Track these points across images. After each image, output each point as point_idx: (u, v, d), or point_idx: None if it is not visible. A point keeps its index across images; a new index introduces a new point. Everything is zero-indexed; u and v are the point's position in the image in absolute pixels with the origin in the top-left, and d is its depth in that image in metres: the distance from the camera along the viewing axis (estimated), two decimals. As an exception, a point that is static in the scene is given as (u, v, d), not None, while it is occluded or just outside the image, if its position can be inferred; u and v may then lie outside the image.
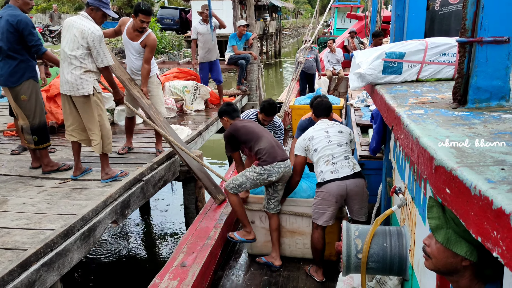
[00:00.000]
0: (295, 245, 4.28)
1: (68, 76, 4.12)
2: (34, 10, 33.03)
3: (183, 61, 11.10)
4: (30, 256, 2.93)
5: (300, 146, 3.96)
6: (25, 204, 3.93)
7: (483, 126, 1.38)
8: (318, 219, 3.80)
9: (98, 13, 4.23)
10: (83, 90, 4.12)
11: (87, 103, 4.19)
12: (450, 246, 1.25)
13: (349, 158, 3.78)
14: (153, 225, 6.93)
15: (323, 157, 3.77)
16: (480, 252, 1.21)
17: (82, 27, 4.07)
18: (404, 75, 2.64)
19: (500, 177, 0.91)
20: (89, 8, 4.21)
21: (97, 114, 4.26)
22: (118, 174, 4.51)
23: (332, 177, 3.68)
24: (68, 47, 4.10)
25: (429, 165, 1.17)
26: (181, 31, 25.90)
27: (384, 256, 2.77)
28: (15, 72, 4.29)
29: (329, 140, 3.83)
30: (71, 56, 4.09)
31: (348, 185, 3.66)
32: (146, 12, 4.97)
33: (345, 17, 21.47)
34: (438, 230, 1.29)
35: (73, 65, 4.10)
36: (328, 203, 3.72)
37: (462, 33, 1.70)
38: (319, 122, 4.10)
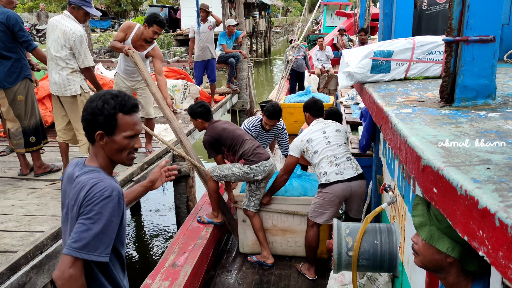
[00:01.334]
0: (287, 243, 4.30)
1: (56, 77, 4.09)
2: (21, 9, 32.67)
3: (173, 60, 11.06)
4: (19, 258, 2.90)
5: (296, 147, 3.95)
6: (14, 206, 3.89)
7: (470, 125, 1.39)
8: (317, 218, 3.80)
9: (80, 11, 4.16)
10: (71, 91, 4.10)
11: (74, 103, 4.17)
12: (433, 243, 1.27)
13: (352, 159, 3.80)
14: (144, 225, 6.90)
15: (325, 158, 3.76)
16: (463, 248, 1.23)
17: (64, 28, 4.04)
18: (393, 73, 2.66)
19: (486, 176, 0.92)
20: (71, 7, 4.15)
21: None
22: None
23: (337, 178, 3.68)
24: (53, 48, 4.07)
25: (416, 165, 1.19)
26: (170, 29, 25.78)
27: (374, 253, 2.79)
28: (12, 72, 4.24)
29: (328, 141, 3.82)
30: (56, 57, 4.06)
31: (352, 186, 3.68)
32: (161, 24, 4.82)
33: (334, 14, 21.53)
34: (421, 227, 1.32)
35: (59, 66, 4.08)
36: (331, 204, 3.72)
37: (449, 32, 1.71)
38: (315, 122, 4.07)
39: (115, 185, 1.66)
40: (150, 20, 4.78)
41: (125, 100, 1.69)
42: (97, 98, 1.69)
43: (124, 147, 1.71)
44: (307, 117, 4.22)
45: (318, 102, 4.23)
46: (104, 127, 1.67)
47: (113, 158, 1.74)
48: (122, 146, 1.70)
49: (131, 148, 1.72)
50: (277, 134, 4.99)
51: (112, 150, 1.71)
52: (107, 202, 1.60)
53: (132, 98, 1.73)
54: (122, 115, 1.68)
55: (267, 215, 4.23)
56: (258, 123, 4.82)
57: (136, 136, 1.73)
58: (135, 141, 1.73)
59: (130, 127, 1.70)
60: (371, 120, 4.18)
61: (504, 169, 0.96)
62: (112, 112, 1.66)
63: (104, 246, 1.60)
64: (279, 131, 4.98)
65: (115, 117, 1.67)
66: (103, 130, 1.67)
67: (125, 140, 1.70)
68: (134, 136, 1.72)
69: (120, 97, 1.69)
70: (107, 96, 1.69)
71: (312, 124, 4.09)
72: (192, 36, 7.98)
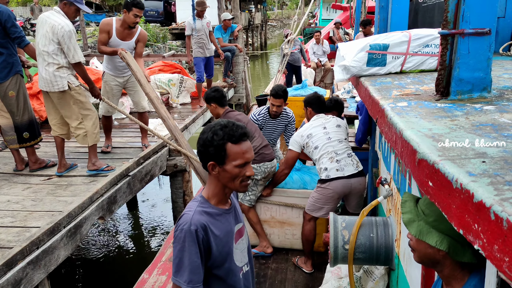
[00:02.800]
0: (284, 235, 4.31)
1: (43, 73, 4.08)
2: (14, 3, 32.39)
3: (168, 54, 11.00)
4: (15, 254, 2.90)
5: (296, 142, 3.95)
6: (9, 201, 3.88)
7: (465, 118, 1.39)
8: (314, 212, 3.80)
9: (71, 7, 4.15)
10: (58, 86, 4.09)
11: (62, 98, 4.16)
12: (422, 238, 1.29)
13: (352, 156, 3.79)
14: (141, 220, 6.90)
15: (325, 154, 3.76)
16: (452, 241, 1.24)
17: (53, 23, 4.02)
18: (388, 66, 2.65)
19: (481, 170, 0.92)
20: (62, 3, 4.13)
21: (78, 108, 4.22)
22: (104, 168, 4.49)
23: (337, 175, 3.68)
24: (41, 43, 4.05)
25: (412, 158, 1.18)
26: (165, 23, 25.64)
27: (370, 246, 2.80)
28: (3, 67, 4.20)
29: (328, 136, 3.81)
30: (44, 52, 4.05)
31: (353, 183, 3.69)
32: (139, 6, 4.74)
33: (330, 7, 21.46)
34: (411, 224, 1.33)
35: (46, 62, 4.06)
36: (330, 199, 3.72)
37: (444, 25, 1.71)
38: (315, 117, 4.05)
39: (197, 219, 1.74)
40: (128, 4, 4.72)
41: (233, 130, 1.74)
42: (208, 130, 1.77)
43: (235, 176, 1.76)
44: (308, 112, 4.18)
45: (321, 97, 4.20)
46: (215, 158, 1.74)
47: (228, 186, 1.81)
48: (233, 175, 1.76)
49: (242, 176, 1.77)
50: (287, 123, 4.79)
51: (226, 179, 1.78)
52: (183, 234, 1.72)
53: (241, 127, 1.77)
54: (231, 145, 1.73)
55: (265, 207, 4.24)
56: (265, 110, 4.71)
57: (247, 164, 1.77)
58: (246, 169, 1.77)
59: (240, 156, 1.74)
60: (367, 113, 4.18)
61: (499, 163, 0.96)
62: (221, 142, 1.72)
63: (185, 274, 1.72)
64: (289, 119, 4.78)
65: (224, 147, 1.72)
66: (214, 161, 1.75)
67: (236, 169, 1.75)
68: (245, 164, 1.76)
69: (228, 127, 1.74)
70: (216, 127, 1.76)
71: (312, 119, 4.07)
72: (189, 33, 7.74)
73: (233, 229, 1.89)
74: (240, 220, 1.97)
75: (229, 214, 1.88)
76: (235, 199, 2.03)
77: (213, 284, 1.84)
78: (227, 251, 1.83)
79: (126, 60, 4.67)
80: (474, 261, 1.23)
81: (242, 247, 1.95)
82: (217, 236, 1.79)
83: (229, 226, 1.86)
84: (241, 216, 2.00)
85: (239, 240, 1.93)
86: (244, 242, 1.97)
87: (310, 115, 4.15)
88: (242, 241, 1.95)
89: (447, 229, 1.24)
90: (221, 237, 1.80)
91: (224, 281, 1.85)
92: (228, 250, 1.84)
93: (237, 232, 1.92)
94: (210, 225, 1.77)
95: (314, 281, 3.84)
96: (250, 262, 2.04)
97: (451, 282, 1.31)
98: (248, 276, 1.99)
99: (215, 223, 1.79)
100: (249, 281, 2.00)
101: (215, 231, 1.78)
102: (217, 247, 1.79)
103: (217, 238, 1.78)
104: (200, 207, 1.80)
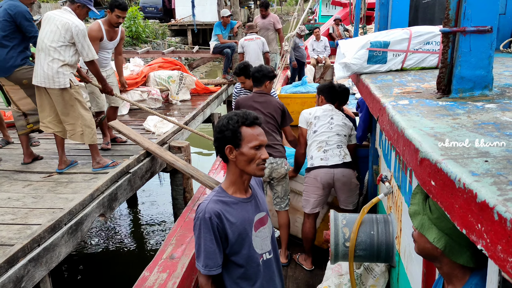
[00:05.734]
0: (294, 222, 4.33)
1: (45, 68, 4.07)
2: None
3: (168, 50, 10.96)
4: (17, 251, 2.90)
5: (304, 118, 4.01)
6: (10, 199, 3.89)
7: (467, 117, 1.39)
8: (305, 207, 3.83)
9: (83, 9, 4.29)
10: (59, 83, 4.09)
11: (61, 95, 4.16)
12: (423, 231, 1.31)
13: (342, 148, 3.80)
14: (141, 217, 6.91)
15: (317, 142, 3.81)
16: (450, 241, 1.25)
17: (66, 20, 4.06)
18: (389, 64, 2.65)
19: (484, 169, 0.92)
20: (75, 5, 4.23)
21: (76, 106, 4.24)
22: (109, 164, 4.52)
23: (321, 163, 3.72)
24: (48, 38, 4.06)
25: (414, 157, 1.18)
26: (164, 19, 25.54)
27: (371, 243, 2.81)
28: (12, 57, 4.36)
29: (331, 127, 3.85)
30: (50, 47, 4.05)
31: (335, 173, 3.69)
32: (122, 7, 4.84)
33: (330, 4, 21.41)
34: (415, 216, 1.35)
35: (50, 57, 4.06)
36: (315, 190, 3.74)
37: (446, 23, 1.70)
38: (327, 105, 4.07)
39: (211, 207, 1.87)
40: (112, 5, 4.85)
41: (246, 114, 1.88)
42: (223, 117, 1.91)
43: (252, 158, 1.86)
44: (320, 99, 4.20)
45: (335, 87, 4.22)
46: (231, 141, 1.86)
47: (245, 170, 1.90)
48: (250, 157, 1.86)
49: (259, 158, 1.87)
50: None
51: (243, 162, 1.88)
52: (199, 222, 1.87)
53: (252, 112, 1.91)
54: (245, 128, 1.86)
55: None
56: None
57: (261, 147, 1.88)
58: (261, 152, 1.88)
59: (254, 138, 1.86)
60: (367, 111, 4.18)
61: (502, 162, 0.96)
62: (236, 125, 1.85)
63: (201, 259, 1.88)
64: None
65: (239, 129, 1.85)
66: (231, 144, 1.86)
67: (252, 151, 1.86)
68: (259, 147, 1.87)
69: (241, 112, 1.89)
70: (230, 114, 1.91)
71: (324, 105, 4.09)
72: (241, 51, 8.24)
73: (251, 217, 1.98)
74: (263, 210, 2.05)
75: (247, 203, 1.98)
76: (258, 190, 2.12)
77: (233, 271, 1.96)
78: (244, 237, 1.94)
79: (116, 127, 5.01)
80: (471, 265, 1.24)
81: (264, 235, 2.03)
82: (233, 223, 1.90)
83: (246, 214, 1.96)
84: (264, 205, 2.09)
85: (260, 229, 2.01)
86: (266, 231, 2.05)
87: (322, 103, 4.18)
88: (264, 230, 2.03)
89: (447, 228, 1.25)
90: (237, 224, 1.91)
91: (244, 267, 1.96)
92: (245, 237, 1.94)
93: (258, 221, 2.01)
94: (224, 212, 1.88)
95: (314, 278, 3.85)
96: (274, 251, 2.12)
97: (452, 280, 1.32)
98: (270, 264, 2.06)
99: (230, 211, 1.91)
100: (271, 269, 2.07)
101: (230, 219, 1.89)
102: (233, 234, 1.90)
103: (232, 225, 1.89)
104: (216, 197, 1.93)
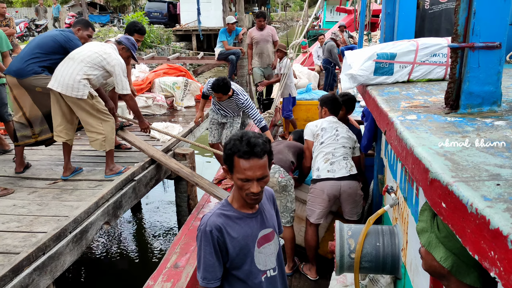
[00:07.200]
0: (299, 232, 4.31)
1: (67, 76, 4.08)
2: (19, 4, 32.54)
3: (173, 56, 10.99)
4: (22, 260, 2.91)
5: (310, 130, 3.99)
6: (15, 206, 3.89)
7: (476, 135, 1.39)
8: (310, 216, 3.82)
9: (127, 53, 4.52)
10: (77, 94, 4.10)
11: (78, 103, 4.16)
12: (430, 250, 1.29)
13: (348, 159, 3.80)
14: (145, 224, 6.90)
15: (323, 153, 3.80)
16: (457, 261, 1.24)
17: (110, 51, 4.25)
18: (396, 75, 2.65)
19: (496, 194, 0.92)
20: (120, 46, 4.47)
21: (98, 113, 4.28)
22: (122, 170, 4.54)
23: (327, 175, 3.70)
24: (85, 54, 4.17)
25: (424, 177, 1.18)
26: (169, 24, 25.68)
27: (377, 255, 2.79)
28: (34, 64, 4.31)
29: (337, 139, 3.86)
30: (82, 62, 4.13)
31: (342, 185, 3.68)
32: (141, 31, 5.06)
33: (334, 10, 21.47)
34: (422, 233, 1.33)
35: (77, 69, 4.10)
36: (320, 201, 3.74)
37: (454, 38, 1.70)
38: (331, 118, 4.07)
39: (213, 220, 1.85)
40: (131, 29, 5.02)
41: (242, 144, 1.75)
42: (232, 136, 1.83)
43: (240, 187, 1.81)
44: (323, 111, 4.19)
45: (338, 99, 4.22)
46: (227, 164, 1.81)
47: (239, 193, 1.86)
48: (238, 186, 1.81)
49: (246, 190, 1.79)
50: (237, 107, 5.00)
51: (235, 186, 1.85)
52: (200, 234, 1.86)
53: (253, 144, 1.74)
54: (237, 158, 1.76)
55: None
56: None
57: (249, 181, 1.77)
58: (249, 185, 1.77)
59: (241, 171, 1.75)
60: (372, 120, 4.17)
61: (514, 185, 0.96)
62: (229, 153, 1.78)
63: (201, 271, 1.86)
64: (238, 105, 4.93)
65: (232, 158, 1.77)
66: (227, 166, 1.82)
67: (239, 182, 1.78)
68: (246, 180, 1.76)
69: (241, 140, 1.76)
70: (235, 136, 1.81)
71: (328, 117, 4.09)
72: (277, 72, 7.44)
73: (255, 233, 1.94)
74: (269, 226, 2.00)
75: (252, 219, 1.93)
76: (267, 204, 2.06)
77: (235, 285, 1.93)
78: (246, 253, 1.90)
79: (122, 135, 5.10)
80: (478, 285, 1.23)
81: (269, 252, 1.99)
82: (234, 238, 1.86)
83: (249, 230, 1.91)
84: (271, 221, 2.03)
85: (265, 245, 1.97)
86: (272, 248, 2.01)
87: (325, 114, 4.16)
88: (269, 246, 1.99)
89: (454, 248, 1.24)
90: (238, 239, 1.87)
91: (245, 282, 1.93)
92: (247, 252, 1.90)
93: (263, 237, 1.96)
94: (226, 227, 1.85)
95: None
96: (280, 268, 2.07)
97: None
98: (274, 281, 2.02)
99: (233, 226, 1.87)
100: (275, 287, 2.03)
101: (232, 233, 1.86)
102: (234, 249, 1.86)
103: (234, 240, 1.86)
104: (220, 210, 1.90)
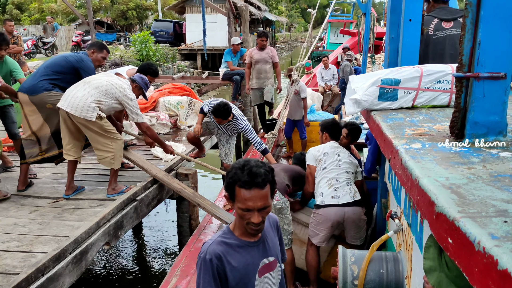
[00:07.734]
0: (300, 255, 4.26)
1: (78, 98, 4.11)
2: (27, 22, 33.01)
3: (178, 76, 11.08)
4: (21, 281, 2.87)
5: (313, 155, 4.00)
6: (16, 224, 3.87)
7: (482, 166, 1.37)
8: (313, 238, 3.81)
9: (138, 91, 4.63)
10: (85, 115, 4.11)
11: (86, 125, 4.18)
12: None
13: (351, 185, 3.80)
14: (146, 244, 6.84)
15: (327, 179, 3.79)
16: None
17: (124, 86, 4.34)
18: (400, 101, 2.65)
19: (504, 231, 0.90)
20: (134, 84, 4.57)
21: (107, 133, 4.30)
22: (124, 190, 4.52)
23: (332, 202, 3.69)
24: (99, 82, 4.24)
25: (430, 210, 1.16)
26: (175, 43, 26.00)
27: (380, 282, 2.75)
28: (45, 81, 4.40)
29: (339, 164, 3.86)
30: (95, 88, 4.18)
31: (346, 212, 3.67)
32: (155, 73, 5.20)
33: (339, 32, 21.72)
34: (431, 272, 1.29)
35: (90, 93, 4.15)
36: (324, 226, 3.71)
37: (459, 68, 1.70)
38: (332, 143, 4.09)
39: (213, 249, 1.81)
40: (145, 70, 5.13)
41: (244, 174, 1.71)
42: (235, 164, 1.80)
43: (240, 216, 1.78)
44: (324, 137, 4.22)
45: (339, 124, 4.26)
46: (228, 192, 1.78)
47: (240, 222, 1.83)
48: (239, 215, 1.79)
49: (247, 220, 1.76)
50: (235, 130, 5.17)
51: (236, 214, 1.82)
52: (200, 262, 1.81)
53: (254, 174, 1.70)
54: (238, 187, 1.73)
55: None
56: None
57: (249, 211, 1.73)
58: (249, 215, 1.74)
59: (241, 200, 1.73)
60: (376, 144, 4.17)
61: (521, 223, 0.94)
62: (230, 181, 1.75)
63: None
64: (238, 129, 5.11)
65: (233, 186, 1.74)
66: (228, 194, 1.79)
67: (239, 211, 1.76)
68: (247, 210, 1.73)
69: (242, 169, 1.73)
70: (237, 164, 1.77)
71: (329, 143, 4.11)
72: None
73: (256, 262, 1.89)
74: (271, 255, 1.95)
75: (253, 247, 1.88)
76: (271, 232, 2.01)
77: None
78: (246, 282, 1.85)
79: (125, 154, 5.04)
80: None
81: (270, 282, 1.95)
82: (234, 267, 1.81)
83: (250, 258, 1.86)
84: (274, 250, 1.98)
85: (267, 274, 1.93)
86: (274, 277, 1.97)
87: (326, 140, 4.19)
88: (270, 276, 1.95)
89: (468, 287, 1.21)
90: (238, 268, 1.82)
91: None
92: (248, 282, 1.86)
93: (265, 266, 1.92)
94: (226, 255, 1.81)
95: (321, 313, 3.77)
96: None
97: None
98: None
99: (233, 254, 1.82)
100: None
101: (232, 262, 1.81)
102: (233, 278, 1.81)
103: (234, 269, 1.81)
104: (221, 238, 1.85)
